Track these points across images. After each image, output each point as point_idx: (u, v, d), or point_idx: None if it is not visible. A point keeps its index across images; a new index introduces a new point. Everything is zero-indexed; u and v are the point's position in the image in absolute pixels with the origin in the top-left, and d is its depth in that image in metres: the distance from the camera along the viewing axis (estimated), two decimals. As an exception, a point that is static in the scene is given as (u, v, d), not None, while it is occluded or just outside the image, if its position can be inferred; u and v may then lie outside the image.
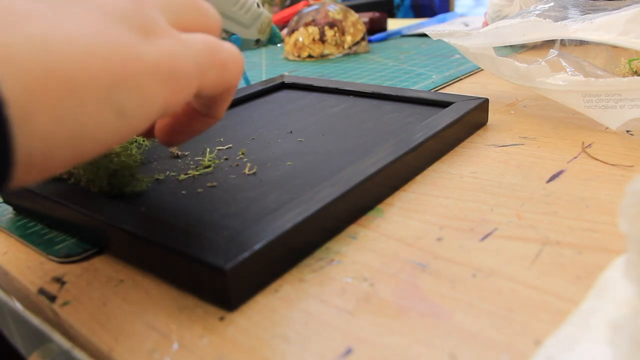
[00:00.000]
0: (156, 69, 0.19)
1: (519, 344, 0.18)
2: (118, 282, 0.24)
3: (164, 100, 0.19)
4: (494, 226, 0.25)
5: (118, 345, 0.20)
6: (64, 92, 0.16)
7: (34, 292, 0.24)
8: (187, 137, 0.27)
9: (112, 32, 0.18)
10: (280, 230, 0.23)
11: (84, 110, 0.17)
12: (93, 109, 0.17)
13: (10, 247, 0.28)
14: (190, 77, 0.21)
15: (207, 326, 0.21)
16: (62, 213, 0.27)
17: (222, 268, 0.20)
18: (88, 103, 0.17)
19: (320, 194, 0.25)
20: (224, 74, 0.23)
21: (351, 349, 0.19)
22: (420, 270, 0.23)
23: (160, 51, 0.19)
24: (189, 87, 0.21)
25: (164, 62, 0.19)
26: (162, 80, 0.19)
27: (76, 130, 0.17)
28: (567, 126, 0.37)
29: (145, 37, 0.19)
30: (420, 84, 0.53)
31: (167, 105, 0.20)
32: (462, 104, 0.37)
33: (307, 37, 0.74)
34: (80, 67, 0.16)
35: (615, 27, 0.34)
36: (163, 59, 0.19)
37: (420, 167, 0.32)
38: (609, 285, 0.18)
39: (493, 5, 0.71)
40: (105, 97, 0.17)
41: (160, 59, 0.19)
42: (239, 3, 0.53)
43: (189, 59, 0.20)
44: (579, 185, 0.29)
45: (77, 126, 0.17)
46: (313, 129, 0.37)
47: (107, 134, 0.18)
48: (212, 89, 0.23)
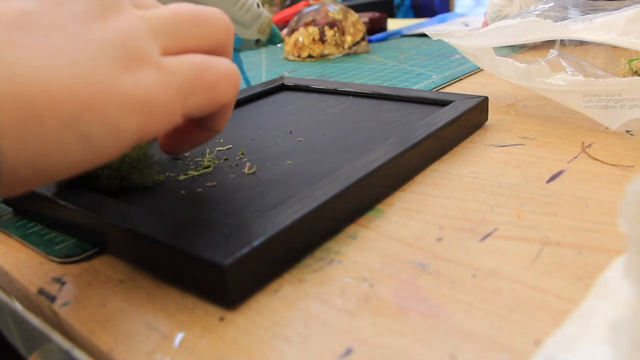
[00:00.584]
0: (129, 100, 0.19)
1: (519, 344, 0.18)
2: (118, 282, 0.24)
3: (137, 129, 0.20)
4: (494, 226, 0.25)
5: (118, 345, 0.20)
6: (26, 118, 0.17)
7: (33, 293, 0.24)
8: (188, 147, 0.28)
9: (87, 64, 0.18)
10: (279, 226, 0.23)
11: (46, 136, 0.18)
12: (56, 136, 0.18)
13: (10, 247, 0.28)
14: (170, 105, 0.21)
15: (207, 326, 0.21)
16: (62, 213, 0.27)
17: (221, 264, 0.20)
18: (51, 130, 0.18)
19: (319, 191, 0.25)
20: (213, 94, 0.23)
21: (351, 349, 0.19)
22: (420, 270, 0.23)
23: (137, 83, 0.20)
24: (169, 115, 0.21)
25: (139, 93, 0.20)
26: (134, 111, 0.19)
27: (39, 154, 0.18)
28: (567, 126, 0.37)
29: (124, 69, 0.19)
30: (420, 83, 0.53)
31: (141, 134, 0.20)
32: (462, 102, 0.37)
33: (307, 37, 0.74)
34: (43, 96, 0.17)
35: (615, 27, 0.34)
36: (138, 91, 0.20)
37: (420, 166, 0.32)
38: (609, 285, 0.18)
39: (493, 5, 0.71)
40: (69, 125, 0.18)
41: (135, 90, 0.19)
42: (239, 3, 0.53)
43: (170, 87, 0.21)
44: (579, 185, 0.29)
45: (40, 150, 0.18)
46: (313, 129, 0.37)
47: (71, 160, 0.19)
48: (202, 110, 0.23)
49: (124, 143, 0.20)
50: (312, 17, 0.76)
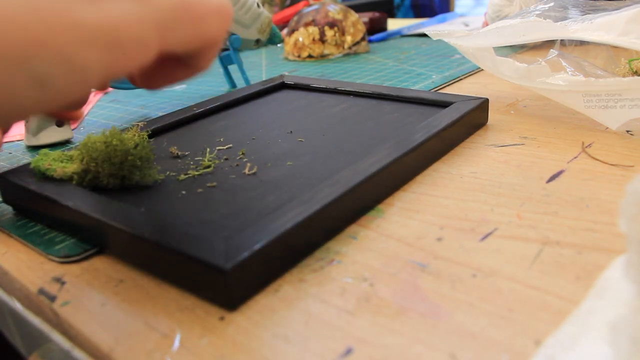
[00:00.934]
0: (90, 33, 0.17)
1: (519, 344, 0.18)
2: (118, 282, 0.24)
3: (103, 68, 0.18)
4: (494, 226, 0.25)
5: (118, 345, 0.20)
6: None
7: (34, 292, 0.24)
8: (166, 83, 0.25)
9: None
10: (280, 230, 0.23)
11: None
12: (6, 79, 0.16)
13: (10, 247, 0.28)
14: (144, 40, 0.19)
15: (207, 326, 0.21)
16: (62, 213, 0.27)
17: (223, 268, 0.20)
18: (1, 73, 0.16)
19: (320, 194, 0.25)
20: (200, 28, 0.21)
21: (351, 349, 0.19)
22: (420, 270, 0.23)
23: (103, 15, 0.17)
24: (142, 50, 0.19)
25: (105, 27, 0.17)
26: (99, 47, 0.17)
27: None
28: (567, 126, 0.37)
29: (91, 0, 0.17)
30: (420, 84, 0.53)
31: (108, 73, 0.18)
32: (462, 104, 0.37)
33: (307, 37, 0.74)
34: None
35: (616, 27, 0.34)
36: (104, 24, 0.17)
37: (420, 167, 0.32)
38: (609, 285, 0.18)
39: (493, 5, 0.71)
40: (21, 66, 0.16)
41: (100, 23, 0.17)
42: (239, 3, 0.53)
43: (146, 19, 0.19)
44: (579, 185, 0.29)
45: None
46: (313, 129, 0.37)
47: (26, 104, 0.17)
48: (185, 46, 0.21)
49: (88, 82, 0.18)
50: (312, 17, 0.76)
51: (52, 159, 0.30)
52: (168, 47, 0.20)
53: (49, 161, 0.30)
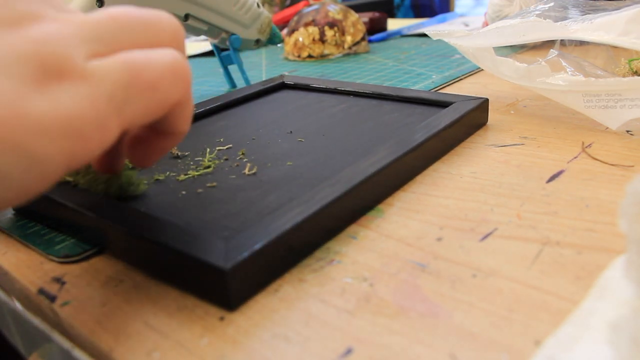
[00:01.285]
0: (46, 125, 0.16)
1: (519, 344, 0.18)
2: (118, 282, 0.24)
3: (64, 157, 0.17)
4: (494, 226, 0.25)
5: (118, 345, 0.20)
6: None
7: (34, 292, 0.24)
8: (156, 156, 0.25)
9: None
10: (280, 230, 0.23)
11: None
12: None
13: (10, 247, 0.28)
14: (102, 120, 0.18)
15: (207, 326, 0.21)
16: (62, 213, 0.27)
17: (222, 268, 0.20)
18: None
19: (320, 194, 0.25)
20: (156, 96, 0.19)
21: (351, 349, 0.19)
22: (420, 270, 0.23)
23: (54, 103, 0.17)
24: (102, 132, 0.18)
25: (58, 114, 0.16)
26: (57, 136, 0.16)
27: None
28: (567, 126, 0.37)
29: (38, 86, 0.16)
30: (420, 84, 0.53)
31: (71, 161, 0.17)
32: (462, 104, 0.37)
33: (307, 37, 0.74)
34: None
35: (616, 27, 0.34)
36: (56, 112, 0.16)
37: (420, 167, 0.32)
38: (609, 285, 0.18)
39: (493, 5, 0.71)
40: None
41: (52, 112, 0.16)
42: (239, 3, 0.53)
43: (99, 99, 0.18)
44: (579, 185, 0.29)
45: None
46: (313, 129, 0.37)
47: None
48: (148, 117, 0.20)
49: (50, 175, 0.17)
50: (312, 17, 0.76)
51: None
52: (130, 122, 0.19)
53: None
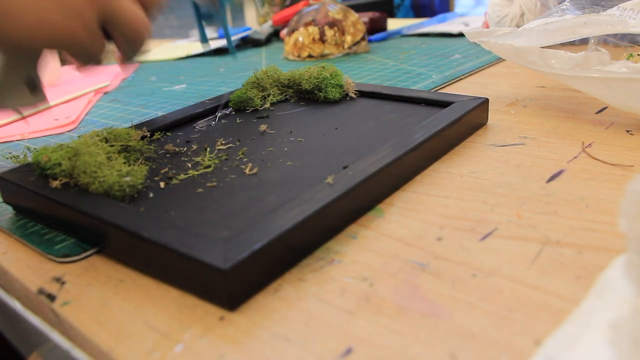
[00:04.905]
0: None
1: (519, 344, 0.18)
2: (118, 282, 0.24)
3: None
4: (494, 226, 0.25)
5: (118, 345, 0.20)
6: None
7: (33, 292, 0.24)
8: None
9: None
10: (280, 230, 0.23)
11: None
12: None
13: (10, 247, 0.28)
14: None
15: (207, 326, 0.21)
16: (62, 213, 0.27)
17: (222, 268, 0.20)
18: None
19: (320, 194, 0.25)
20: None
21: (351, 348, 0.19)
22: (420, 270, 0.23)
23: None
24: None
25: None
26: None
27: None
28: (567, 126, 0.37)
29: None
30: (420, 84, 0.53)
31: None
32: (462, 104, 0.37)
33: (307, 37, 0.74)
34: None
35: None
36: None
37: (420, 167, 0.32)
38: (609, 285, 0.18)
39: (493, 5, 0.71)
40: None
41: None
42: None
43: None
44: (579, 185, 0.29)
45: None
46: (313, 129, 0.37)
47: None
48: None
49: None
50: (312, 17, 0.76)
51: (50, 151, 0.30)
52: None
53: (46, 153, 0.30)
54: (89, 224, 0.26)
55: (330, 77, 0.43)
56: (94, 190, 0.28)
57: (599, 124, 0.37)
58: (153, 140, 0.37)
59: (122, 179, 0.28)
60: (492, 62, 0.60)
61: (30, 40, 0.31)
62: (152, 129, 0.38)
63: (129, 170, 0.28)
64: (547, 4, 0.66)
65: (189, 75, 0.71)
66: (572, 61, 0.37)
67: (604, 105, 0.41)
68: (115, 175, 0.28)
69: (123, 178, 0.28)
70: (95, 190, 0.27)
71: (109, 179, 0.27)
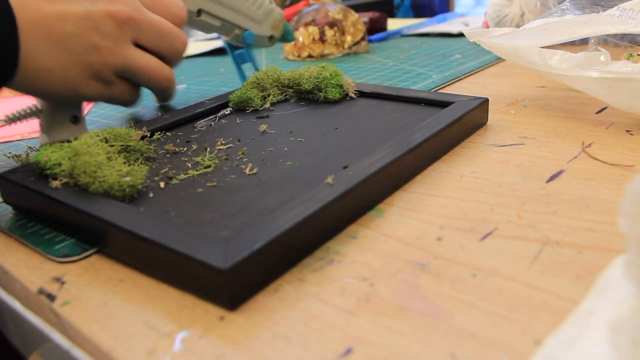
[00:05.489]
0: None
1: (519, 344, 0.18)
2: (118, 281, 0.24)
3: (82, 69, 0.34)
4: (494, 226, 0.25)
5: (118, 345, 0.20)
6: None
7: (33, 292, 0.24)
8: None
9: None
10: (279, 230, 0.23)
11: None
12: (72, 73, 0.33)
13: (10, 247, 0.28)
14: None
15: (207, 326, 0.21)
16: (62, 213, 0.27)
17: (222, 268, 0.20)
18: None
19: (320, 194, 0.25)
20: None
21: (351, 348, 0.19)
22: (420, 270, 0.23)
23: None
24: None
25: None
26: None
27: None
28: (567, 126, 0.37)
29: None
30: (420, 84, 0.53)
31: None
32: (462, 104, 0.37)
33: (307, 37, 0.74)
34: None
35: None
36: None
37: (420, 167, 0.32)
38: (609, 285, 0.18)
39: (493, 5, 0.71)
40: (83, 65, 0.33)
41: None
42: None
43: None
44: (579, 185, 0.29)
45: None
46: (313, 129, 0.37)
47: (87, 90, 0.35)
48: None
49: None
50: (312, 17, 0.76)
51: (50, 151, 0.30)
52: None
53: (46, 154, 0.30)
54: (89, 224, 0.26)
55: (330, 77, 0.43)
56: (94, 190, 0.28)
57: (599, 124, 0.37)
58: (153, 140, 0.37)
59: (122, 179, 0.28)
60: (492, 62, 0.60)
61: (61, 95, 0.34)
62: (152, 129, 0.38)
63: (129, 170, 0.28)
64: (547, 4, 0.66)
65: (189, 75, 0.71)
66: (572, 61, 0.37)
67: (604, 105, 0.41)
68: (115, 175, 0.28)
69: (123, 178, 0.28)
70: (95, 190, 0.27)
71: (109, 179, 0.27)
